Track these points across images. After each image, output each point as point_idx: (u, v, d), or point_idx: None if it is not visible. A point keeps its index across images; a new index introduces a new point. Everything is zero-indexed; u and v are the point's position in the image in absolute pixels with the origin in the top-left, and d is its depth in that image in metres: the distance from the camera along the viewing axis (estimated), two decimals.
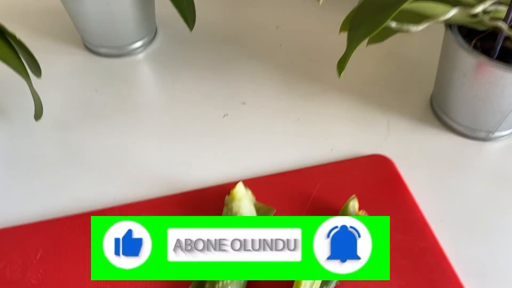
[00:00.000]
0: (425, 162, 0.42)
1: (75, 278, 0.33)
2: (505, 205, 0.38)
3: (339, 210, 0.36)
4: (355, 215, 0.34)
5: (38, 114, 0.41)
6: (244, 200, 0.33)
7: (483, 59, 0.36)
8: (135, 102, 0.47)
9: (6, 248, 0.35)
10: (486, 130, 0.42)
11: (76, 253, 0.34)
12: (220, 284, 0.30)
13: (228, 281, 0.30)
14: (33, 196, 0.39)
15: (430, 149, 0.43)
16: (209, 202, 0.37)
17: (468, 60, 0.37)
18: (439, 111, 0.45)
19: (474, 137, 0.43)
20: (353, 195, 0.35)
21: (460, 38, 0.38)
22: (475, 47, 0.39)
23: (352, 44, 0.34)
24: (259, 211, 0.35)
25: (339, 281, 0.32)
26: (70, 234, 0.35)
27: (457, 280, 0.33)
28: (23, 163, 0.42)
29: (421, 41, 0.53)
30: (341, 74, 0.35)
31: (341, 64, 0.35)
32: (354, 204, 0.35)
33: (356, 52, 0.50)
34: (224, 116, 0.45)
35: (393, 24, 0.34)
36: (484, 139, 0.43)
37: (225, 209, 0.34)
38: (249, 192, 0.35)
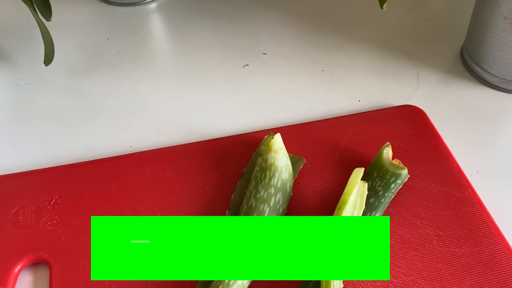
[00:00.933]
0: (457, 114, 0.40)
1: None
2: None
3: (370, 160, 0.34)
4: (389, 163, 0.33)
5: (48, 58, 0.38)
6: (280, 152, 0.31)
7: None
8: (149, 50, 0.44)
9: (19, 193, 0.33)
10: None
11: (92, 198, 0.33)
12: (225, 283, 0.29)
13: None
14: (45, 143, 0.37)
15: (463, 101, 0.41)
16: (231, 151, 0.35)
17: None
18: (471, 62, 0.43)
19: (509, 90, 0.42)
20: (387, 143, 0.34)
21: None
22: None
23: None
24: (291, 161, 0.34)
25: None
26: (86, 180, 0.34)
27: (496, 229, 0.32)
28: (34, 109, 0.39)
29: None
30: (384, 5, 0.33)
31: None
32: (388, 151, 0.34)
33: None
34: (244, 66, 0.44)
35: None
36: None
37: (259, 160, 0.32)
38: (285, 150, 0.33)
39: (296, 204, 0.33)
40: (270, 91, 0.41)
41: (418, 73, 0.43)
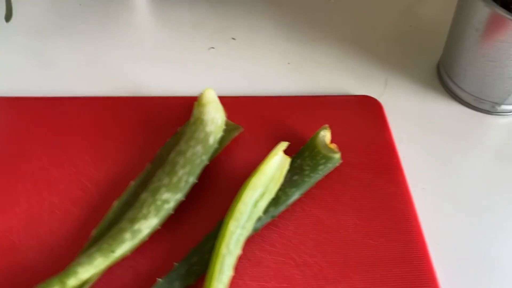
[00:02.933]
0: (418, 125, 0.41)
1: (22, 155, 0.35)
2: (495, 184, 0.38)
3: None
4: (323, 145, 0.35)
5: (7, 15, 0.43)
6: (208, 106, 0.34)
7: (499, 11, 0.36)
8: (119, 20, 0.49)
9: None
10: (492, 100, 0.42)
11: (29, 134, 0.36)
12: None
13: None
14: None
15: (427, 113, 0.42)
16: (175, 112, 0.38)
17: (483, 11, 0.37)
18: (445, 76, 0.44)
19: (478, 108, 0.43)
20: (326, 125, 0.36)
21: None
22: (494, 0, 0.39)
23: None
24: (226, 127, 0.36)
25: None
26: (30, 115, 0.38)
27: (418, 231, 0.33)
28: None
29: (444, 2, 0.53)
30: None
31: None
32: (325, 134, 0.35)
33: (367, 4, 0.51)
34: (209, 48, 0.47)
35: None
36: (489, 112, 0.42)
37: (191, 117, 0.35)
38: (219, 104, 0.35)
39: (221, 168, 0.35)
40: (229, 75, 0.44)
41: (387, 79, 0.45)
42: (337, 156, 0.35)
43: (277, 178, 0.32)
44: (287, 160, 0.33)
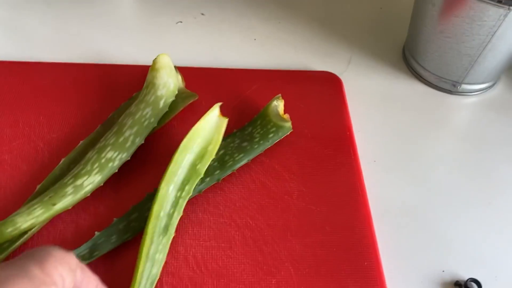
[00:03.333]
0: (379, 102, 0.42)
1: None
2: (447, 162, 0.38)
3: None
4: (274, 114, 0.35)
5: None
6: (161, 71, 0.34)
7: None
8: None
9: None
10: (452, 79, 0.42)
11: None
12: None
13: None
14: None
15: (389, 92, 0.43)
16: (135, 79, 0.39)
17: None
18: (408, 56, 0.45)
19: (441, 88, 0.43)
20: (279, 95, 0.36)
21: None
22: None
23: None
24: (181, 95, 0.36)
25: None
26: None
27: (363, 199, 0.33)
28: None
29: None
30: None
31: None
32: (278, 104, 0.36)
33: None
34: (177, 22, 0.47)
35: None
36: (450, 91, 0.43)
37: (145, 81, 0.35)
38: (175, 71, 0.36)
39: (171, 132, 0.36)
40: (195, 49, 0.45)
41: (351, 58, 0.45)
42: (288, 124, 0.35)
43: (216, 140, 0.32)
44: (224, 121, 0.33)
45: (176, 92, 0.35)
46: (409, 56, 0.45)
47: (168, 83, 0.34)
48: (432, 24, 0.40)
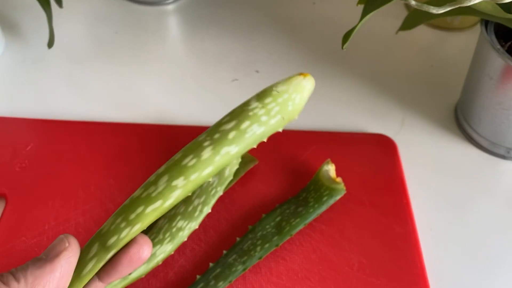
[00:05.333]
0: (432, 166, 0.43)
1: (54, 174, 0.39)
2: (505, 232, 0.39)
3: None
4: (326, 178, 0.37)
5: (50, 42, 0.47)
6: None
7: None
8: (150, 50, 0.52)
9: (2, 134, 0.41)
10: (507, 146, 0.43)
11: (61, 154, 0.40)
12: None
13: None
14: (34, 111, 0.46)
15: (442, 155, 0.44)
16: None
17: (497, 62, 0.39)
18: (461, 119, 0.46)
19: (493, 153, 0.44)
20: (328, 159, 0.38)
21: (493, 37, 0.40)
22: (509, 51, 0.40)
23: (363, 15, 0.36)
24: (242, 160, 0.38)
25: None
26: (63, 137, 0.41)
27: (422, 273, 0.34)
28: (31, 86, 0.48)
29: (466, 43, 0.55)
30: (345, 46, 0.38)
31: (346, 36, 0.38)
32: (328, 168, 0.37)
33: (390, 42, 0.52)
34: (233, 80, 0.49)
35: (412, 2, 0.37)
36: (503, 157, 0.43)
37: None
38: None
39: (234, 198, 0.38)
40: None
41: (404, 118, 0.46)
42: (341, 186, 0.37)
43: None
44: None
45: (240, 160, 0.37)
46: (461, 119, 0.46)
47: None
48: (488, 94, 0.41)
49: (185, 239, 0.33)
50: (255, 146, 0.27)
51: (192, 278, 0.33)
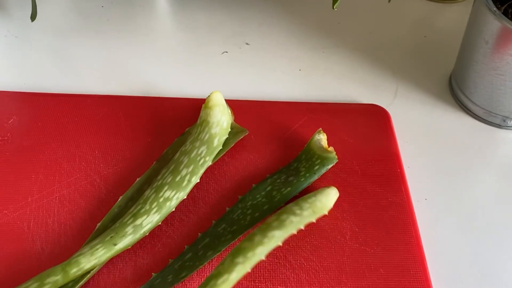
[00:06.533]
0: (426, 136, 0.42)
1: (37, 147, 0.37)
2: (500, 201, 0.38)
3: None
4: (318, 147, 0.36)
5: (33, 15, 0.46)
6: (215, 109, 0.35)
7: (509, 25, 0.37)
8: (138, 23, 0.51)
9: None
10: (503, 114, 0.42)
11: (45, 126, 0.39)
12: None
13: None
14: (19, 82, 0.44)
15: (436, 125, 0.43)
16: (184, 112, 0.40)
17: (493, 24, 0.38)
18: (456, 88, 0.45)
19: (489, 122, 0.43)
20: (319, 129, 0.37)
21: (489, 0, 0.38)
22: (505, 13, 0.39)
23: None
24: (232, 130, 0.37)
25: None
26: (46, 109, 0.40)
27: (417, 241, 0.33)
28: (15, 60, 0.46)
29: (459, 15, 0.53)
30: (335, 5, 0.37)
31: None
32: (320, 137, 0.36)
33: (383, 13, 0.50)
34: (223, 52, 0.48)
35: None
36: (499, 125, 0.42)
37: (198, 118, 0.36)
38: (227, 108, 0.36)
39: (224, 168, 0.37)
40: (241, 79, 0.46)
41: (397, 89, 0.45)
42: (332, 155, 0.36)
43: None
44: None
45: (229, 130, 0.35)
46: (456, 88, 0.45)
47: (221, 121, 0.35)
48: (484, 60, 0.40)
49: (173, 210, 0.32)
50: (295, 232, 0.31)
51: (180, 248, 0.32)
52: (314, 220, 0.32)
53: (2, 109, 0.40)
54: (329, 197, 0.33)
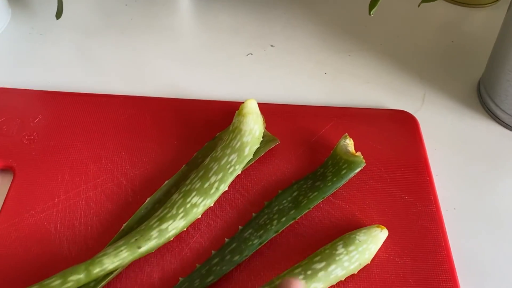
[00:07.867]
0: (454, 144, 0.41)
1: (64, 147, 0.37)
2: None
3: None
4: (344, 152, 0.35)
5: (59, 12, 0.46)
6: (248, 117, 0.35)
7: None
8: (162, 22, 0.51)
9: (10, 105, 0.40)
10: None
11: (71, 126, 0.39)
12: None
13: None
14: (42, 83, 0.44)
15: (465, 132, 0.42)
16: (214, 115, 0.40)
17: None
18: (485, 95, 0.44)
19: None
20: (345, 134, 0.36)
21: None
22: None
23: None
24: (263, 138, 0.37)
25: None
26: (72, 108, 0.40)
27: (447, 253, 0.33)
28: (39, 58, 0.46)
29: (487, 19, 0.53)
30: (372, 12, 0.36)
31: (373, 2, 0.36)
32: (346, 142, 0.36)
33: (410, 17, 0.50)
34: (248, 54, 0.48)
35: None
36: None
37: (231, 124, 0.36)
38: (260, 116, 0.36)
39: (252, 176, 0.36)
40: (266, 82, 0.46)
41: (425, 95, 0.45)
42: (359, 159, 0.35)
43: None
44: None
45: (261, 139, 0.35)
46: (485, 95, 0.44)
47: (254, 130, 0.35)
48: None
49: (199, 216, 0.32)
50: (334, 284, 0.31)
51: (207, 253, 0.32)
52: (356, 272, 0.31)
53: (28, 108, 0.40)
54: (377, 244, 0.32)
